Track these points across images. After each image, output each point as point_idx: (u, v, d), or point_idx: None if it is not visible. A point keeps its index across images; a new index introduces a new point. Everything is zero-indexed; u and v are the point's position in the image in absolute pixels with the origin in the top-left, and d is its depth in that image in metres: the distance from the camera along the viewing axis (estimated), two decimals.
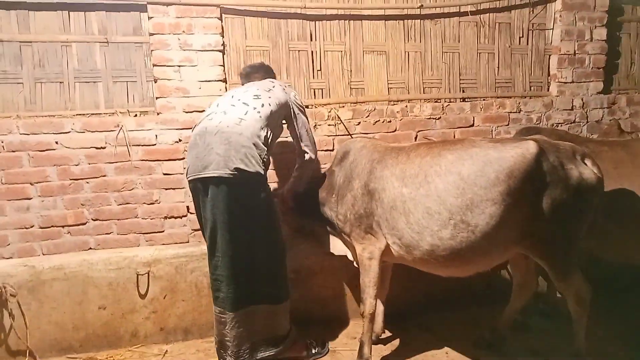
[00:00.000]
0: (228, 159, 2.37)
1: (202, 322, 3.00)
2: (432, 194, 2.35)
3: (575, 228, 2.39)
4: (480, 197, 2.26)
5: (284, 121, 2.79)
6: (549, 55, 3.90)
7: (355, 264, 2.79)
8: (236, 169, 2.37)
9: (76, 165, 3.15)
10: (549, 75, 3.92)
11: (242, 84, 2.95)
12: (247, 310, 2.49)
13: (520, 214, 2.30)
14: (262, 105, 2.56)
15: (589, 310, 2.46)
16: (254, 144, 2.44)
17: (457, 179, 2.31)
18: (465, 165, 2.31)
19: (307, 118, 2.85)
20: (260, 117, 2.52)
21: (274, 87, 2.72)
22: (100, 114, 3.21)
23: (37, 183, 3.11)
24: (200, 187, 2.47)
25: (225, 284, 2.45)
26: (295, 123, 2.77)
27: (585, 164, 2.39)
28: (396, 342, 2.98)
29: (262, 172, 2.47)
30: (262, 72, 2.98)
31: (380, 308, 2.93)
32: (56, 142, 3.10)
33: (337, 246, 2.88)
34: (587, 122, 3.90)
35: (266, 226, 2.52)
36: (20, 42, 3.09)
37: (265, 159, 2.50)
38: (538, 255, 2.44)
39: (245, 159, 2.39)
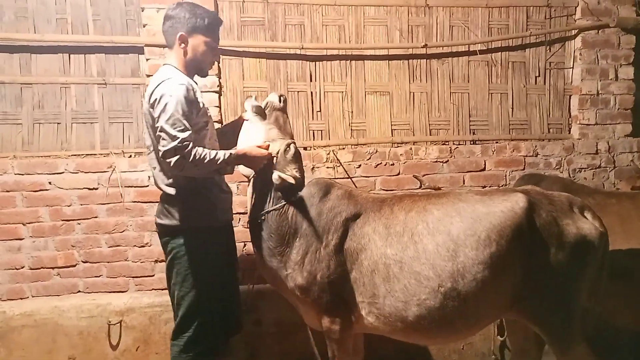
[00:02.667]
0: None
1: None
2: (421, 257, 2.07)
3: (573, 291, 2.11)
4: (472, 260, 2.02)
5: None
6: (569, 96, 3.63)
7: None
8: None
9: (68, 206, 3.12)
10: (569, 116, 3.65)
11: None
12: None
13: (512, 276, 2.06)
14: None
15: None
16: None
17: (447, 239, 2.05)
18: (454, 224, 2.07)
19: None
20: None
21: None
22: (95, 154, 3.20)
23: (29, 223, 3.10)
24: None
25: None
26: None
27: (585, 217, 2.13)
28: None
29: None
30: None
31: None
32: (49, 183, 3.09)
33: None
34: (615, 167, 3.57)
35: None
36: (21, 84, 3.15)
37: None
38: (532, 321, 2.16)
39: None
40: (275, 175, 2.20)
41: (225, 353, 2.44)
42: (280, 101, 2.40)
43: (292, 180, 2.18)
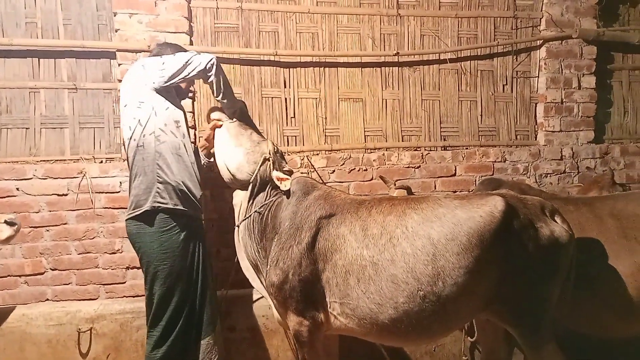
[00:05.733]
0: None
1: None
2: (398, 260, 2.06)
3: (545, 291, 2.17)
4: (453, 264, 2.03)
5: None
6: (535, 104, 3.76)
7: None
8: None
9: (36, 212, 3.06)
10: (535, 124, 3.77)
11: None
12: None
13: (490, 278, 2.10)
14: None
15: None
16: None
17: (427, 244, 2.06)
18: (434, 228, 2.07)
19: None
20: None
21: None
22: (64, 160, 3.15)
23: None
24: None
25: None
26: None
27: (555, 221, 2.19)
28: None
29: None
30: None
31: None
32: (17, 189, 3.03)
33: (256, 282, 2.52)
34: (578, 172, 3.70)
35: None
36: None
37: None
38: (506, 321, 2.21)
39: None
40: (277, 175, 2.43)
41: (195, 354, 2.45)
42: (245, 106, 2.64)
43: (291, 176, 2.43)
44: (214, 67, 2.43)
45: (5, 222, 2.25)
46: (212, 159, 2.67)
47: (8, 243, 2.42)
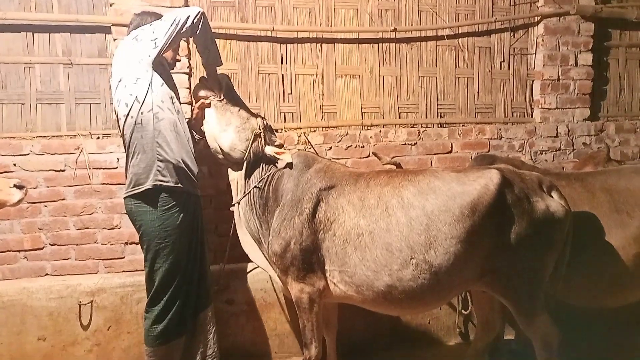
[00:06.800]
0: None
1: None
2: (393, 229, 2.14)
3: (540, 264, 2.22)
4: (445, 234, 2.10)
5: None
6: (532, 81, 3.76)
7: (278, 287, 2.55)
8: None
9: (34, 188, 3.06)
10: (532, 101, 3.78)
11: None
12: None
13: (483, 249, 2.15)
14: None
15: (556, 356, 2.26)
16: None
17: (421, 214, 2.13)
18: (428, 200, 2.14)
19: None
20: None
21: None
22: (61, 136, 3.14)
23: None
24: None
25: None
26: None
27: (552, 196, 2.23)
28: None
29: None
30: None
31: (331, 347, 2.70)
32: (14, 164, 3.03)
33: (257, 257, 2.59)
34: (574, 149, 3.73)
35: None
36: None
37: None
38: (500, 293, 2.26)
39: None
40: (274, 150, 2.48)
41: (194, 327, 2.50)
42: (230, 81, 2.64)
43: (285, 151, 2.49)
44: (202, 20, 2.35)
45: (15, 185, 2.26)
46: (203, 136, 2.65)
47: (18, 205, 2.42)
